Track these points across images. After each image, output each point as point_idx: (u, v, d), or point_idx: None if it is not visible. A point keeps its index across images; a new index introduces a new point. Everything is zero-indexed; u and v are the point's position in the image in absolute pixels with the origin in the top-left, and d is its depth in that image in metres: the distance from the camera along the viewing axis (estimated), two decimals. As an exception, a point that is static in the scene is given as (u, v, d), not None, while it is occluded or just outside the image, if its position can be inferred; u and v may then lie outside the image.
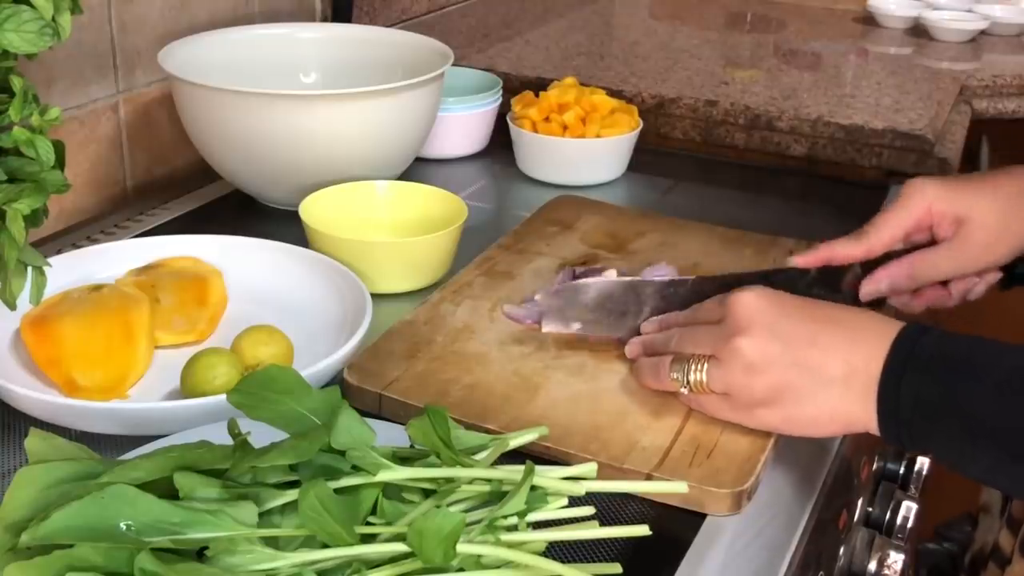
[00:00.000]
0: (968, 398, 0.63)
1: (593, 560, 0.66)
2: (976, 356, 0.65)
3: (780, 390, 0.70)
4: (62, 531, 0.54)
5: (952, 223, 0.83)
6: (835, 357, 0.68)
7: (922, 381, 0.65)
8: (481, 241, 1.04)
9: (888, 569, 0.88)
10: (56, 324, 0.82)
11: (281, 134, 1.05)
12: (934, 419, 0.65)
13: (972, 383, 0.63)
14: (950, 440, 0.65)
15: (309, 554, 0.57)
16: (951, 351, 0.65)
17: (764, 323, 0.71)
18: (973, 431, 0.63)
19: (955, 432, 0.64)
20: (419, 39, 1.25)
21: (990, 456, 0.63)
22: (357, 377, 0.81)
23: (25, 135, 0.77)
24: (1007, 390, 0.62)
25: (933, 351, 0.66)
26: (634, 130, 1.25)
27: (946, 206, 0.83)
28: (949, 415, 0.64)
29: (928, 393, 0.65)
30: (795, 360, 0.69)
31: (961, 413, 0.63)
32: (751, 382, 0.71)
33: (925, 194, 0.83)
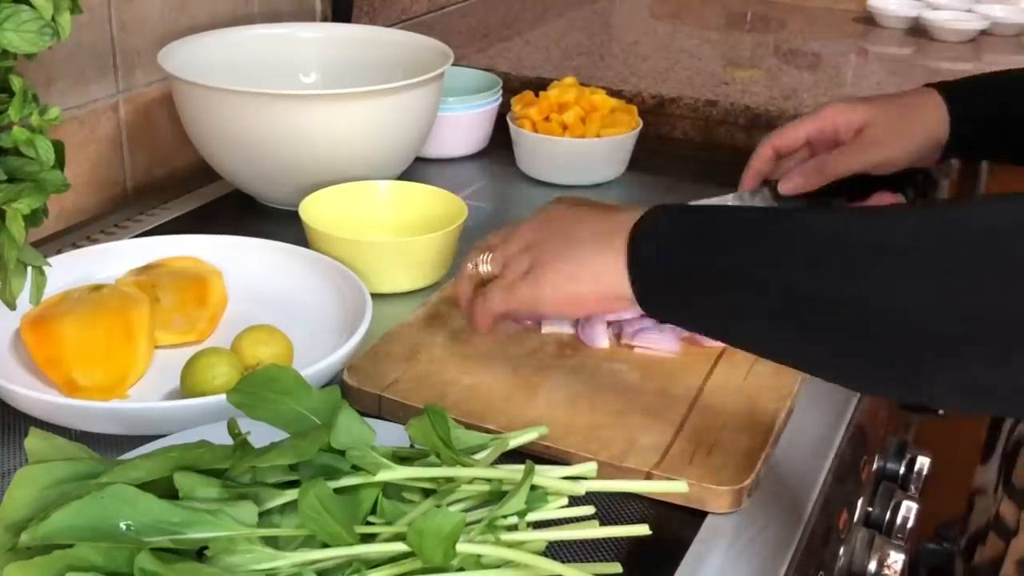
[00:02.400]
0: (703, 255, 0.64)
1: (593, 560, 0.66)
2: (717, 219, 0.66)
3: (540, 261, 0.72)
4: (62, 531, 0.54)
5: (855, 130, 0.95)
6: (587, 227, 0.70)
7: (663, 239, 0.66)
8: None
9: (888, 569, 0.88)
10: (56, 324, 0.82)
11: (281, 134, 1.05)
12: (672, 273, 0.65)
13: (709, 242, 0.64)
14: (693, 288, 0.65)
15: (309, 554, 0.57)
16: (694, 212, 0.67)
17: (548, 214, 0.75)
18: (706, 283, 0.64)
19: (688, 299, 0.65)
20: (419, 39, 1.25)
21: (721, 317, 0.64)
22: (357, 379, 0.81)
23: (25, 135, 0.77)
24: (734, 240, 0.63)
25: (678, 213, 0.67)
26: (634, 130, 1.25)
27: (849, 115, 0.95)
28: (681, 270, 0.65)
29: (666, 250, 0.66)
30: (558, 233, 0.72)
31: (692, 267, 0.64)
32: (520, 256, 0.73)
33: (829, 108, 0.97)
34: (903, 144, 0.94)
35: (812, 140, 0.97)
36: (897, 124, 0.95)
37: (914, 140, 0.94)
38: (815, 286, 0.58)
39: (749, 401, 0.81)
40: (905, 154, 0.95)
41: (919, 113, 0.95)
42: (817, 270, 0.58)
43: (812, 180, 0.95)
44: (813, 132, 0.97)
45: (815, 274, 0.58)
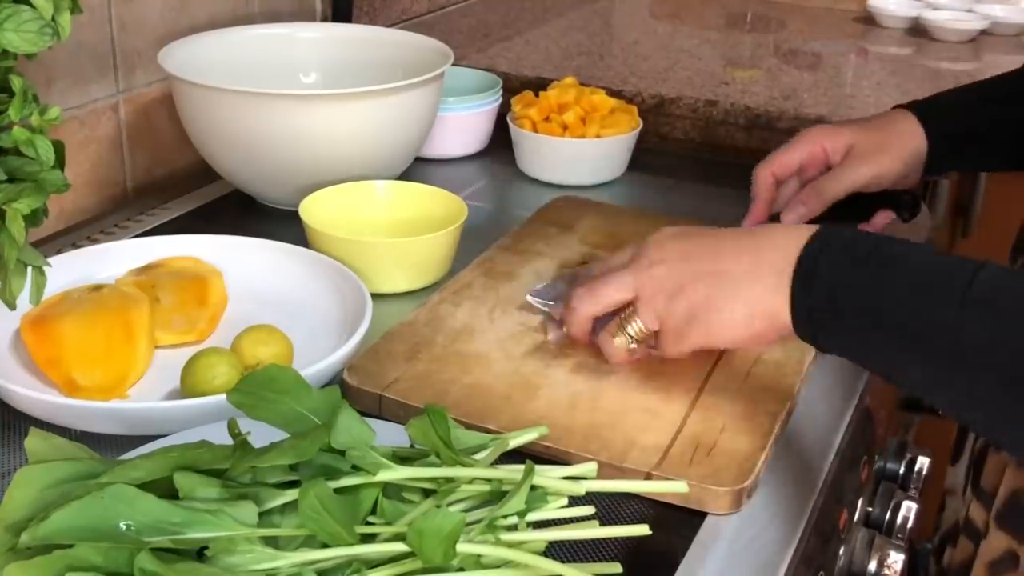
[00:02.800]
0: (872, 284, 0.65)
1: (593, 560, 0.66)
2: (884, 247, 0.66)
3: (697, 304, 0.72)
4: (62, 531, 0.54)
5: (843, 151, 0.98)
6: (740, 257, 0.70)
7: (834, 269, 0.66)
8: (481, 241, 1.04)
9: (888, 569, 0.88)
10: (56, 324, 0.82)
11: (281, 134, 1.05)
12: (845, 308, 0.65)
13: (878, 270, 0.65)
14: (858, 333, 0.66)
15: (309, 554, 0.57)
16: (861, 243, 0.67)
17: (671, 247, 0.75)
18: (880, 324, 0.64)
19: (863, 325, 0.65)
20: (419, 39, 1.25)
21: (893, 351, 0.64)
22: (357, 378, 0.81)
23: (25, 135, 0.77)
24: (915, 285, 0.63)
25: (846, 242, 0.67)
26: (634, 130, 1.25)
27: (835, 137, 0.99)
28: (859, 305, 0.65)
29: (840, 280, 0.66)
30: (704, 272, 0.72)
31: (871, 304, 0.65)
32: (672, 305, 0.73)
33: (815, 132, 1.01)
34: (890, 158, 0.98)
35: (804, 164, 1.01)
36: (881, 141, 0.98)
37: (899, 154, 0.98)
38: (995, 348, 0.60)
39: (749, 401, 0.81)
40: (893, 168, 0.98)
41: (898, 129, 0.99)
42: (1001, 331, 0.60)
43: (813, 206, 0.98)
44: (806, 156, 1.00)
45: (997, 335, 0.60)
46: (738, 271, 0.70)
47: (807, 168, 1.01)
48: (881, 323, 0.64)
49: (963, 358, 0.61)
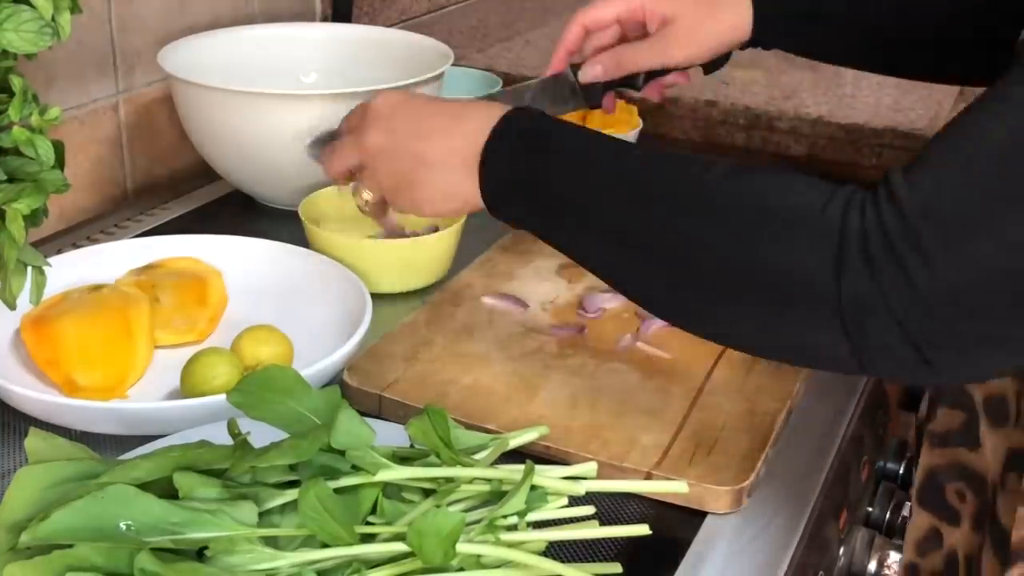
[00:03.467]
0: (546, 167, 0.69)
1: (593, 560, 0.66)
2: (561, 133, 0.71)
3: (399, 177, 0.77)
4: (62, 531, 0.54)
5: (660, 21, 0.94)
6: (435, 143, 0.75)
7: (512, 153, 0.71)
8: (481, 241, 1.04)
9: (888, 569, 0.88)
10: (56, 324, 0.82)
11: (281, 134, 1.05)
12: (521, 189, 0.71)
13: (552, 155, 0.70)
14: (533, 208, 0.70)
15: (309, 554, 0.57)
16: (540, 128, 0.72)
17: (384, 121, 0.78)
18: (550, 200, 0.69)
19: (531, 205, 0.70)
20: (419, 39, 1.25)
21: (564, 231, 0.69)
22: (357, 379, 0.81)
23: (25, 135, 0.77)
24: (580, 161, 0.69)
25: (526, 127, 0.72)
26: (634, 130, 1.25)
27: (657, 4, 0.94)
28: (532, 184, 0.70)
29: (516, 164, 0.71)
30: (404, 149, 0.77)
31: (540, 181, 0.69)
32: (382, 176, 0.79)
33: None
34: (704, 45, 0.94)
35: (621, 20, 0.97)
36: (702, 24, 0.94)
37: (715, 40, 0.94)
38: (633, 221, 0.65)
39: (749, 401, 0.81)
40: (702, 54, 0.94)
41: (724, 13, 0.94)
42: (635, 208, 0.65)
43: (610, 70, 0.96)
44: (623, 12, 0.96)
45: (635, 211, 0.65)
46: (432, 156, 0.75)
47: (624, 24, 0.97)
48: (551, 212, 0.69)
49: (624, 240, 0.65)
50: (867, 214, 0.56)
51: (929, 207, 0.55)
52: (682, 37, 0.94)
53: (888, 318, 0.55)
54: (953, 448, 0.81)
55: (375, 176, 0.80)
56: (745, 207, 0.61)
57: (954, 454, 0.81)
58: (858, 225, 0.56)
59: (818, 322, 0.57)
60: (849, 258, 0.56)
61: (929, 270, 0.54)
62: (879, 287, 0.55)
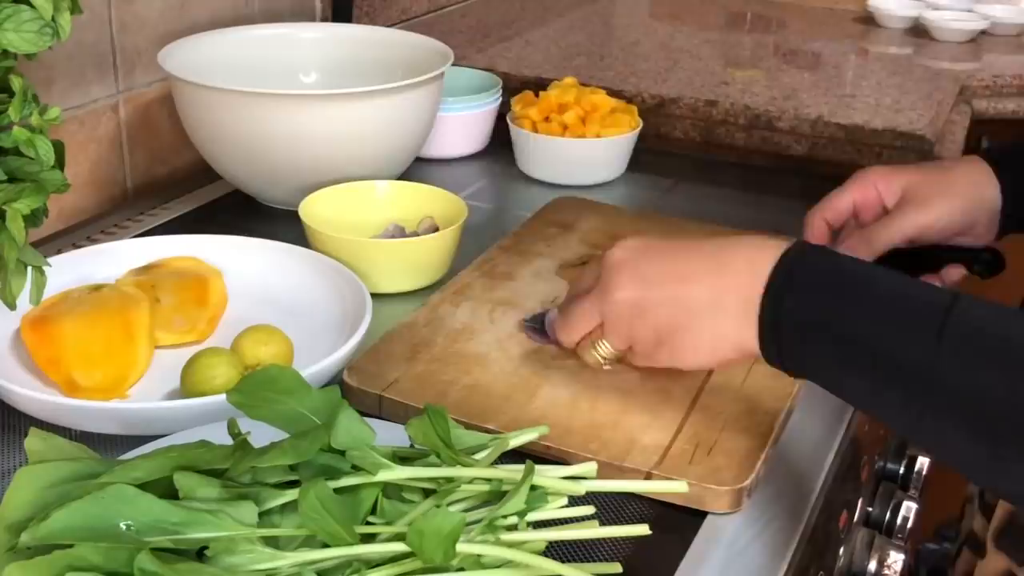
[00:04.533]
0: (843, 318, 0.63)
1: (593, 560, 0.66)
2: (856, 275, 0.65)
3: (661, 329, 0.71)
4: (62, 531, 0.54)
5: (897, 193, 0.90)
6: (703, 286, 0.69)
7: (802, 297, 0.65)
8: (481, 241, 1.04)
9: (888, 569, 0.88)
10: (56, 324, 0.82)
11: (281, 134, 1.05)
12: (811, 338, 0.65)
13: (850, 303, 0.63)
14: (823, 359, 0.65)
15: (309, 554, 0.57)
16: (832, 269, 0.66)
17: (630, 271, 0.73)
18: (847, 352, 0.63)
19: (829, 352, 0.64)
20: (419, 39, 1.25)
21: (863, 380, 0.63)
22: (357, 379, 0.81)
23: (25, 135, 0.77)
24: (883, 312, 0.62)
25: (816, 268, 0.66)
26: (634, 130, 1.25)
27: (890, 178, 0.91)
28: (825, 333, 0.64)
29: (807, 310, 0.65)
30: (664, 299, 0.71)
31: (837, 332, 0.63)
32: (636, 330, 0.73)
33: (868, 173, 0.92)
34: (946, 204, 0.88)
35: (857, 206, 0.93)
36: (938, 184, 0.89)
37: (957, 200, 0.88)
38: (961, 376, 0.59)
39: (749, 401, 0.81)
40: (950, 216, 0.88)
41: (961, 173, 0.90)
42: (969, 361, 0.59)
43: (861, 254, 0.89)
44: (859, 199, 0.92)
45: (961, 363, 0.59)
46: (701, 299, 0.69)
47: (861, 212, 0.92)
48: (853, 357, 0.63)
49: (937, 394, 0.59)
50: None
51: None
52: (921, 199, 0.89)
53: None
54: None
55: (623, 331, 0.74)
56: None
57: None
58: None
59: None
60: None
61: None
62: None
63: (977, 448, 0.58)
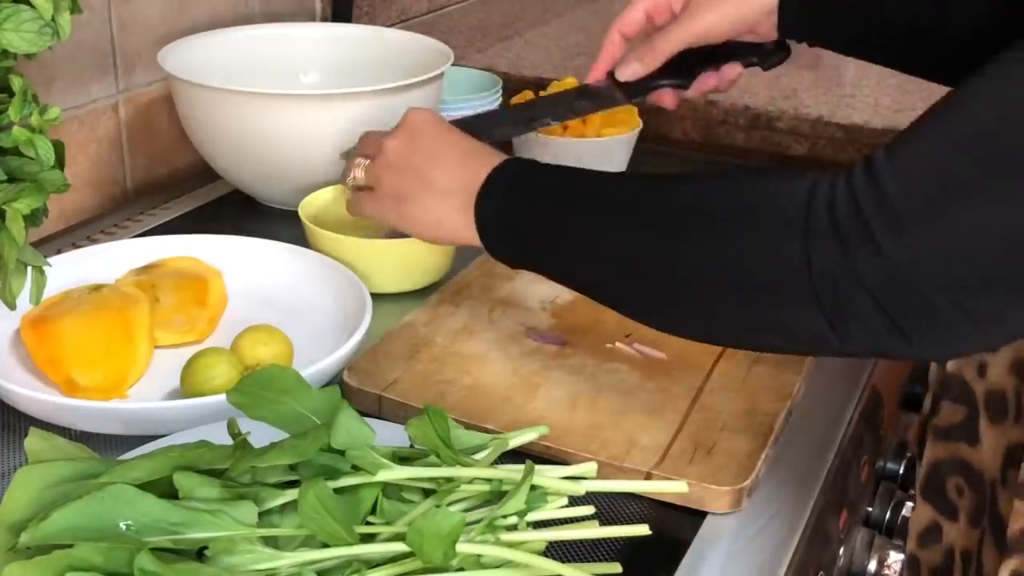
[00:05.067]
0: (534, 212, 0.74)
1: (593, 560, 0.66)
2: (548, 175, 0.75)
3: (400, 189, 0.83)
4: (62, 531, 0.54)
5: (683, 2, 0.95)
6: (446, 173, 0.80)
7: (503, 196, 0.76)
8: (481, 241, 1.04)
9: (888, 569, 0.88)
10: (56, 324, 0.82)
11: (281, 134, 1.05)
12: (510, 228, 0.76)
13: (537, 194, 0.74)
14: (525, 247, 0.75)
15: (309, 554, 0.57)
16: (532, 172, 0.76)
17: (409, 132, 0.85)
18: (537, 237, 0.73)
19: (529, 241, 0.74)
20: (419, 39, 1.25)
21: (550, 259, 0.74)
22: (357, 379, 0.81)
23: (25, 135, 0.77)
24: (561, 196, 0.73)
25: (524, 174, 0.77)
26: (634, 130, 1.25)
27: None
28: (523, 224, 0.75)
29: (505, 206, 0.76)
30: (416, 167, 0.82)
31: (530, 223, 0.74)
32: (384, 177, 0.85)
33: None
34: (725, 11, 0.92)
35: (650, 14, 0.98)
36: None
37: (736, 6, 0.92)
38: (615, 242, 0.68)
39: (749, 401, 0.81)
40: (728, 20, 0.93)
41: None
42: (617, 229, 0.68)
43: (647, 62, 0.96)
44: (650, 8, 0.97)
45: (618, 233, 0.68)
46: (437, 180, 0.80)
47: (654, 18, 0.97)
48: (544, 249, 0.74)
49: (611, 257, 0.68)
50: (838, 186, 0.57)
51: (905, 176, 0.55)
52: (702, 6, 0.93)
53: (857, 285, 0.55)
54: (954, 443, 0.82)
55: (377, 170, 0.85)
56: (720, 207, 0.63)
57: (955, 449, 0.82)
58: (827, 194, 0.57)
59: (793, 298, 0.58)
60: (816, 227, 0.57)
61: (900, 237, 0.54)
62: (845, 252, 0.55)
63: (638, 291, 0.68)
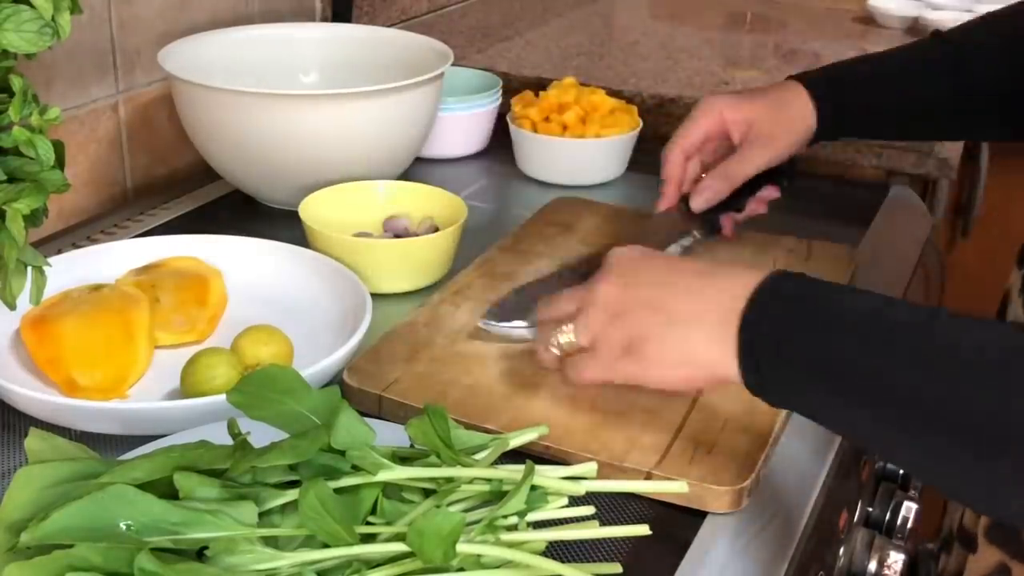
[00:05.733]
0: (820, 341, 0.61)
1: (593, 560, 0.66)
2: (836, 300, 0.63)
3: (629, 337, 0.69)
4: (62, 531, 0.54)
5: (743, 126, 0.97)
6: (687, 298, 0.67)
7: (781, 325, 0.63)
8: (481, 241, 1.04)
9: (888, 569, 0.88)
10: (56, 324, 0.82)
11: (281, 134, 1.05)
12: (794, 368, 0.62)
13: (828, 326, 0.61)
14: (809, 392, 0.63)
15: (309, 554, 0.57)
16: (812, 294, 0.64)
17: (622, 271, 0.72)
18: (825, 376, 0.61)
19: (808, 376, 0.62)
20: (419, 39, 1.25)
21: (851, 411, 0.61)
22: (357, 379, 0.81)
23: (25, 135, 0.77)
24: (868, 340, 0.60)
25: (794, 293, 0.64)
26: (634, 130, 1.25)
27: (735, 112, 0.97)
28: (804, 355, 0.62)
29: (787, 338, 0.62)
30: (646, 300, 0.69)
31: (814, 355, 0.61)
32: (607, 329, 0.71)
33: (715, 103, 0.98)
34: (787, 139, 0.97)
35: (710, 137, 0.99)
36: (778, 119, 0.97)
37: (794, 134, 0.97)
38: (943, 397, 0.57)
39: (749, 401, 0.80)
40: (789, 147, 0.98)
41: (793, 106, 0.98)
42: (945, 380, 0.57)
43: (720, 189, 0.97)
44: (709, 129, 0.98)
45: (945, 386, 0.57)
46: (680, 310, 0.67)
47: (709, 141, 0.99)
48: (834, 384, 0.61)
49: (925, 417, 0.57)
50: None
51: None
52: (769, 135, 0.97)
53: None
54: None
55: (594, 324, 0.72)
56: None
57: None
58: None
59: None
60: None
61: None
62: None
63: (968, 467, 0.56)
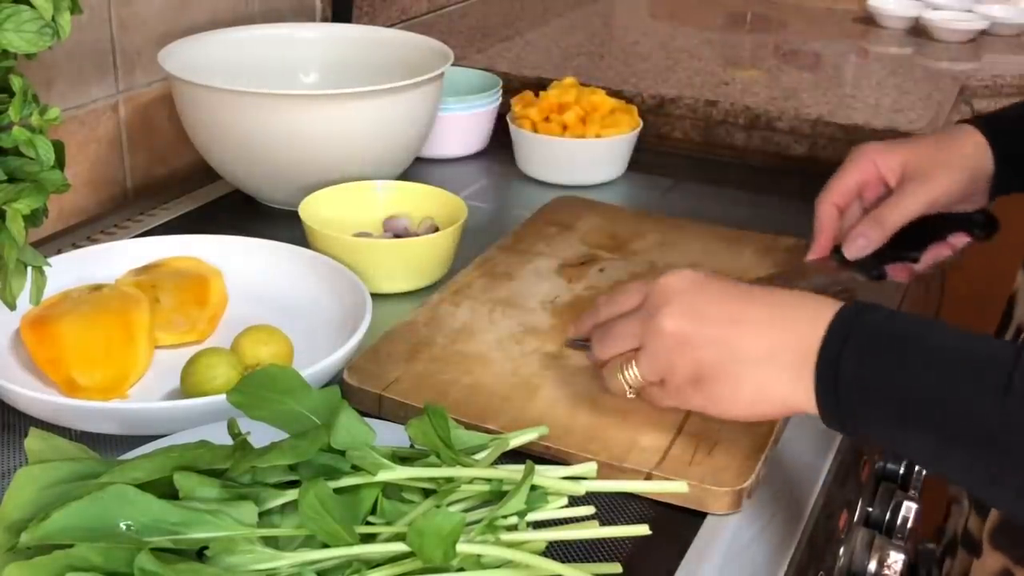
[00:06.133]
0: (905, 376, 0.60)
1: (593, 560, 0.66)
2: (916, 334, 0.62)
3: (702, 369, 0.68)
4: (62, 531, 0.54)
5: (898, 170, 0.92)
6: (758, 335, 0.66)
7: (862, 357, 0.62)
8: (481, 241, 1.04)
9: (888, 569, 0.88)
10: (56, 324, 0.82)
11: (281, 134, 1.05)
12: (872, 397, 0.62)
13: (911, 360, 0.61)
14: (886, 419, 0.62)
15: (309, 554, 0.57)
16: (892, 328, 0.63)
17: (682, 302, 0.69)
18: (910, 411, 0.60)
19: (892, 411, 0.61)
20: (419, 39, 1.25)
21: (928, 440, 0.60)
22: (357, 378, 0.81)
23: (25, 135, 0.77)
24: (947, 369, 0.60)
25: (875, 328, 0.63)
26: (634, 130, 1.25)
27: (888, 156, 0.92)
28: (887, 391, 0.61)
29: (867, 367, 0.62)
30: (714, 338, 0.67)
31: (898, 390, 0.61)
32: (675, 361, 0.69)
33: (865, 151, 0.93)
34: (948, 177, 0.90)
35: (860, 186, 0.94)
36: (936, 159, 0.91)
37: (956, 173, 0.90)
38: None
39: (749, 401, 0.80)
40: (952, 187, 0.90)
41: (955, 145, 0.92)
42: None
43: (874, 237, 0.92)
44: (861, 178, 0.93)
45: None
46: (752, 347, 0.66)
47: (865, 190, 0.94)
48: (917, 420, 0.60)
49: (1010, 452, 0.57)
50: None
51: None
52: (924, 174, 0.91)
53: None
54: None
55: (660, 362, 0.70)
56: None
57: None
58: None
59: None
60: None
61: None
62: None
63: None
